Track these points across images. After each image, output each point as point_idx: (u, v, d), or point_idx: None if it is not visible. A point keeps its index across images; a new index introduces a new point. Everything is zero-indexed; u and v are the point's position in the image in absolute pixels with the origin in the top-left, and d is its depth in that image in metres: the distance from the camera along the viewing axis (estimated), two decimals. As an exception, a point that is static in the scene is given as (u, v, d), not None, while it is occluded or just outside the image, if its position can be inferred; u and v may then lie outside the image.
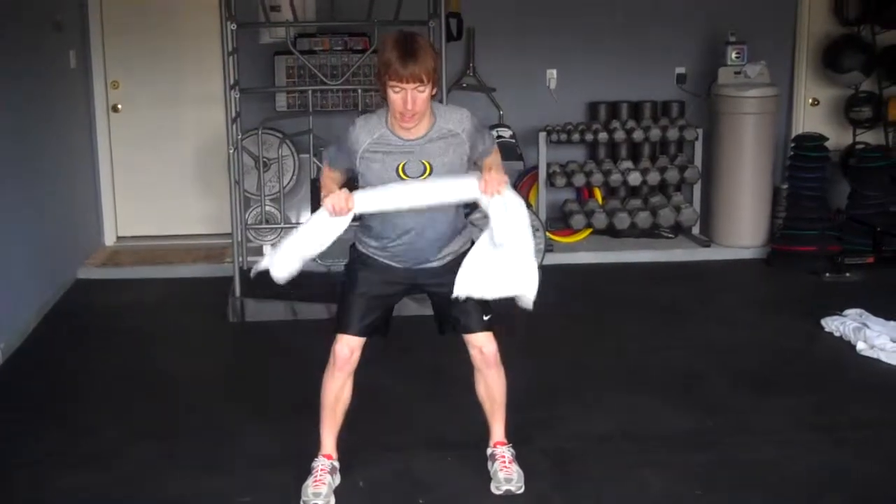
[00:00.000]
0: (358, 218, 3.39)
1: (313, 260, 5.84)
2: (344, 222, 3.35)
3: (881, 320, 5.16)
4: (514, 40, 7.14)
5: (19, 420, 4.29)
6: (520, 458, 3.70)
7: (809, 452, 3.96)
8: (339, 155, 3.46)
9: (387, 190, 3.34)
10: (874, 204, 6.68)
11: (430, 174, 3.33)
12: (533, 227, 5.90)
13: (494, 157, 3.55)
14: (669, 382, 4.67)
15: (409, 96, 3.19)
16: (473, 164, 3.52)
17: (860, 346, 5.01)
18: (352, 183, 3.50)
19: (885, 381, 4.69)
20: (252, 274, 3.49)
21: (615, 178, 6.91)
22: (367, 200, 3.34)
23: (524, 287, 3.37)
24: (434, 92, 3.27)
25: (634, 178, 6.92)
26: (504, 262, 3.34)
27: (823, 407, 4.39)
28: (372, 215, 3.42)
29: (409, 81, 3.17)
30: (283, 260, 3.38)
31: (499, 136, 6.38)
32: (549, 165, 6.92)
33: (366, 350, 3.56)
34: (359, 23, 6.40)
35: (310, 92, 6.15)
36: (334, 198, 3.31)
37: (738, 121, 6.78)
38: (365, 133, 3.34)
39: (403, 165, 3.33)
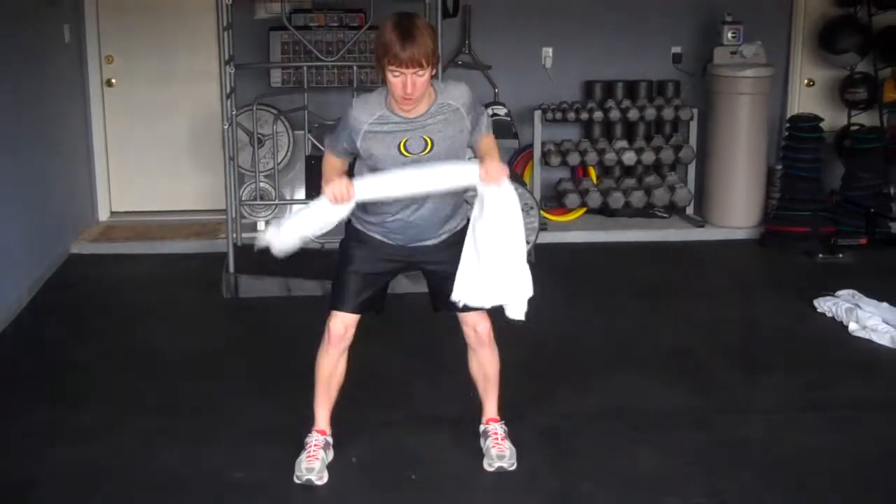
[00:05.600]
0: None
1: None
2: (344, 210, 3.36)
3: (873, 301, 5.18)
4: (510, 18, 7.11)
5: (12, 395, 4.30)
6: (512, 435, 3.72)
7: (800, 432, 3.99)
8: (340, 139, 3.44)
9: (387, 177, 3.35)
10: (868, 185, 6.68)
11: (431, 149, 3.33)
12: (527, 205, 5.98)
13: (490, 141, 3.51)
14: (661, 361, 4.69)
15: (408, 81, 3.19)
16: (471, 150, 3.52)
17: (852, 326, 5.03)
18: (352, 170, 3.51)
19: (877, 362, 4.71)
20: (256, 248, 3.50)
21: (610, 157, 6.91)
22: (368, 188, 3.35)
23: (520, 293, 3.38)
24: (433, 72, 3.27)
25: (629, 158, 6.92)
26: (499, 269, 3.34)
27: (814, 387, 4.42)
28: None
29: (409, 66, 3.16)
30: (284, 237, 3.40)
31: (494, 115, 6.37)
32: (543, 144, 6.91)
33: (360, 326, 3.57)
34: (354, -1, 6.41)
35: (305, 68, 6.13)
36: (335, 187, 3.30)
37: (734, 101, 6.77)
38: (365, 113, 3.34)
39: (405, 142, 3.32)
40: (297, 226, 3.41)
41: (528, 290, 3.39)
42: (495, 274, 3.35)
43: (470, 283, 3.39)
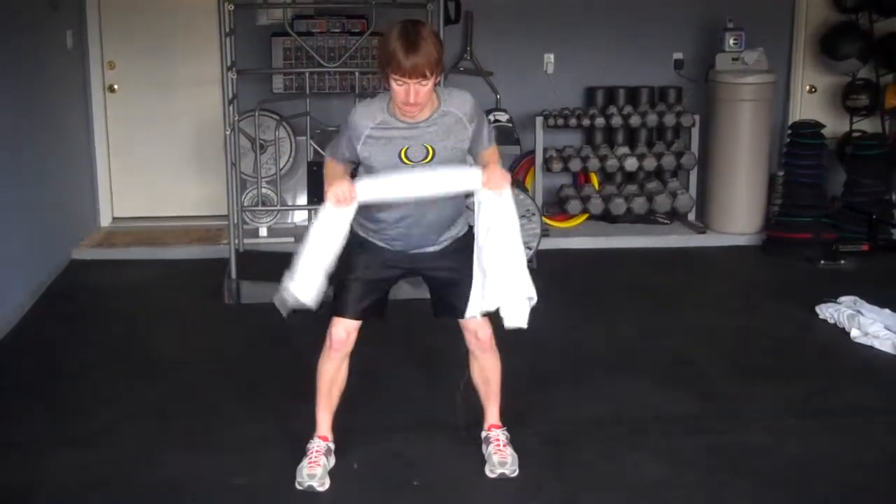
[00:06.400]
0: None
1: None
2: (349, 213, 3.34)
3: (875, 308, 5.17)
4: (511, 24, 7.13)
5: (14, 400, 4.29)
6: (514, 442, 3.71)
7: (801, 439, 3.98)
8: (341, 144, 3.43)
9: (389, 178, 3.35)
10: (870, 192, 6.69)
11: (432, 157, 3.33)
12: (529, 211, 5.97)
13: (493, 153, 3.51)
14: (663, 367, 4.69)
15: (411, 90, 3.18)
16: (472, 157, 3.51)
17: (854, 333, 5.02)
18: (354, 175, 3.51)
19: (879, 368, 4.70)
20: (285, 316, 3.45)
21: (611, 163, 6.91)
22: (370, 189, 3.35)
23: (519, 296, 3.36)
24: (437, 81, 3.26)
25: (631, 164, 6.92)
26: (498, 274, 3.34)
27: (816, 393, 4.41)
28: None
29: (412, 76, 3.14)
30: (305, 279, 3.35)
31: (496, 121, 6.36)
32: (545, 150, 6.92)
33: (362, 332, 3.57)
34: (356, 5, 6.41)
35: (307, 74, 6.13)
36: (337, 189, 3.30)
37: (736, 107, 6.78)
38: (366, 118, 3.33)
39: (406, 150, 3.32)
40: (310, 256, 3.35)
41: (529, 294, 3.38)
42: (494, 278, 3.35)
43: (477, 297, 3.39)
